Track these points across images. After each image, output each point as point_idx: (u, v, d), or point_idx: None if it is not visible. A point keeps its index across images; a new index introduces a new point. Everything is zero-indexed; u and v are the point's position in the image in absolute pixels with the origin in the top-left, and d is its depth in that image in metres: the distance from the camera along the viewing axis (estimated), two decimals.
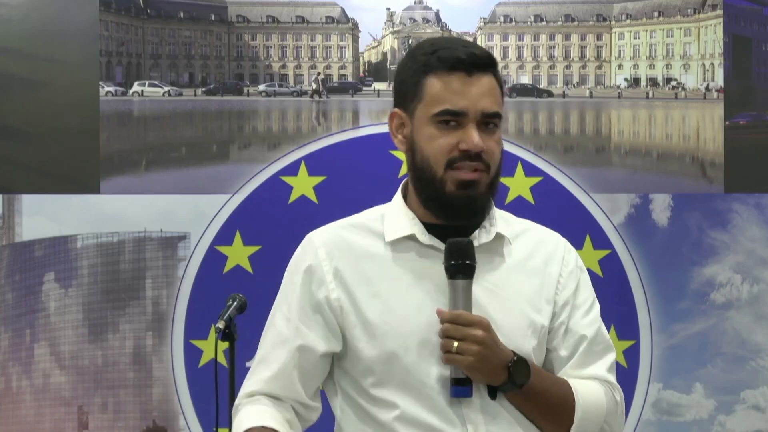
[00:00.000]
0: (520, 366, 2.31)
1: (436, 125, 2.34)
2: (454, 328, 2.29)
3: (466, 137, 2.32)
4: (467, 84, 2.34)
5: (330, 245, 2.41)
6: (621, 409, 2.46)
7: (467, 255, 2.31)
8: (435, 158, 2.34)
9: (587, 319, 2.45)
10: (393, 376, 2.34)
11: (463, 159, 2.33)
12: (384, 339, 2.35)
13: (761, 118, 4.84)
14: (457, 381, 2.31)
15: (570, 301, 2.44)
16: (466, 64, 2.34)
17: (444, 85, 2.35)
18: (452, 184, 2.33)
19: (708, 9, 4.89)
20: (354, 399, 2.40)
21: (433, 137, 2.34)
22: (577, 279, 2.46)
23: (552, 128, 4.87)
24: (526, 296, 2.40)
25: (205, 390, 4.51)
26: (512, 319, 2.36)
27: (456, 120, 2.33)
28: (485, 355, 2.28)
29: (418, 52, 2.39)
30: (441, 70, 2.35)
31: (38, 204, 4.66)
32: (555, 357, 2.43)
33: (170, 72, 4.90)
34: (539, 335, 2.39)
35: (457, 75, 2.34)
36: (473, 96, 2.34)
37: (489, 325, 2.30)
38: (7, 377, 4.69)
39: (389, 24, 5.01)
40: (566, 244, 2.50)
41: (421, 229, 2.38)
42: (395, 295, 2.36)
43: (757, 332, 4.73)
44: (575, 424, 2.37)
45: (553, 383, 2.38)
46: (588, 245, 4.63)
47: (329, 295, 2.38)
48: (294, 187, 4.66)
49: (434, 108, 2.34)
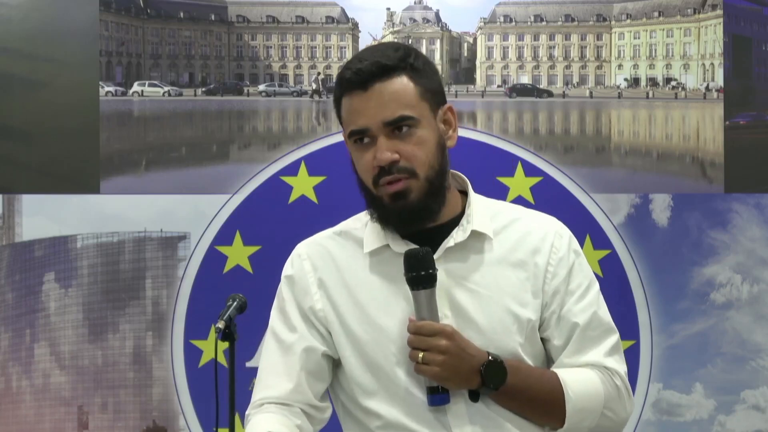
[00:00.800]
0: (493, 368, 2.30)
1: (354, 146, 2.38)
2: (418, 339, 2.29)
3: (375, 153, 2.34)
4: (365, 99, 2.33)
5: (315, 257, 2.44)
6: (624, 392, 2.44)
7: (425, 265, 2.30)
8: (365, 178, 2.38)
9: (581, 304, 2.42)
10: (377, 385, 2.35)
11: (382, 174, 2.34)
12: (365, 348, 2.36)
13: (761, 118, 4.84)
14: (431, 390, 2.32)
15: (561, 288, 2.41)
16: (354, 82, 2.34)
17: (346, 107, 2.37)
18: (387, 198, 2.35)
19: (708, 9, 4.89)
20: (348, 408, 2.42)
21: (357, 158, 2.40)
22: (570, 264, 2.44)
23: (552, 128, 4.87)
24: (510, 291, 2.38)
25: (205, 390, 4.51)
26: (494, 317, 2.35)
27: (365, 137, 2.35)
28: (451, 364, 2.28)
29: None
30: (345, 92, 2.36)
31: (38, 204, 4.66)
32: (551, 347, 2.42)
33: (170, 72, 4.89)
34: (526, 330, 2.38)
35: (355, 93, 2.34)
36: (371, 110, 2.33)
37: (452, 333, 2.29)
38: (7, 377, 4.69)
39: (389, 24, 5.01)
40: (558, 230, 2.47)
41: (395, 237, 2.38)
42: (374, 304, 2.37)
43: (757, 332, 4.73)
44: (568, 416, 2.36)
45: (537, 379, 2.36)
46: (588, 245, 4.63)
47: (314, 306, 2.41)
48: (294, 187, 4.65)
49: (347, 130, 2.38)
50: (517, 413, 2.36)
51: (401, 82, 2.33)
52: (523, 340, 2.37)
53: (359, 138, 2.35)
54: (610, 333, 2.45)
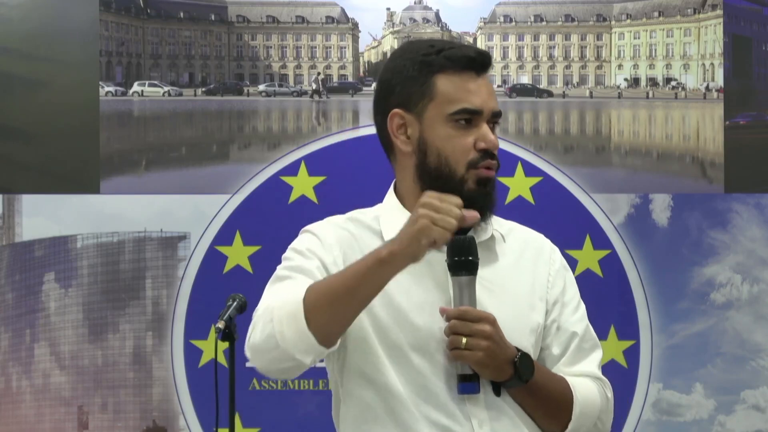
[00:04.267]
0: (525, 361, 2.32)
1: (453, 124, 2.34)
2: (462, 324, 2.29)
3: (484, 136, 2.33)
4: (478, 83, 2.35)
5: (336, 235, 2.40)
6: (611, 405, 2.47)
7: (470, 251, 2.30)
8: (455, 158, 2.34)
9: (576, 316, 2.46)
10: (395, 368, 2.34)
11: (483, 158, 2.34)
12: (388, 332, 2.34)
13: (761, 118, 4.84)
14: (463, 377, 2.32)
15: (559, 299, 2.45)
16: (476, 63, 2.35)
17: (457, 84, 2.34)
18: (473, 183, 2.34)
19: (708, 9, 4.89)
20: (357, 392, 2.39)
21: (450, 137, 2.34)
22: (564, 277, 2.47)
23: (552, 128, 4.87)
24: (522, 294, 2.41)
25: (205, 390, 4.51)
26: (511, 317, 2.37)
27: (472, 118, 2.34)
28: (493, 351, 2.29)
29: (417, 52, 2.37)
30: (451, 70, 2.35)
31: (38, 204, 4.66)
32: (547, 355, 2.44)
33: (170, 72, 4.90)
34: (536, 333, 2.40)
35: (468, 74, 2.35)
36: (484, 95, 2.35)
37: (495, 321, 2.30)
38: (7, 377, 4.69)
39: (389, 24, 5.01)
40: (551, 244, 2.51)
41: None
42: (397, 293, 2.36)
43: (757, 332, 4.73)
44: (572, 420, 2.38)
45: (551, 379, 2.39)
46: (588, 245, 4.63)
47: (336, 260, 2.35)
48: (294, 187, 4.66)
49: (450, 107, 2.34)
50: (530, 411, 2.37)
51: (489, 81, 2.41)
52: (533, 342, 2.39)
53: (464, 119, 2.34)
54: (597, 347, 2.50)
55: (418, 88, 2.36)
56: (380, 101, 2.42)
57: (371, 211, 2.47)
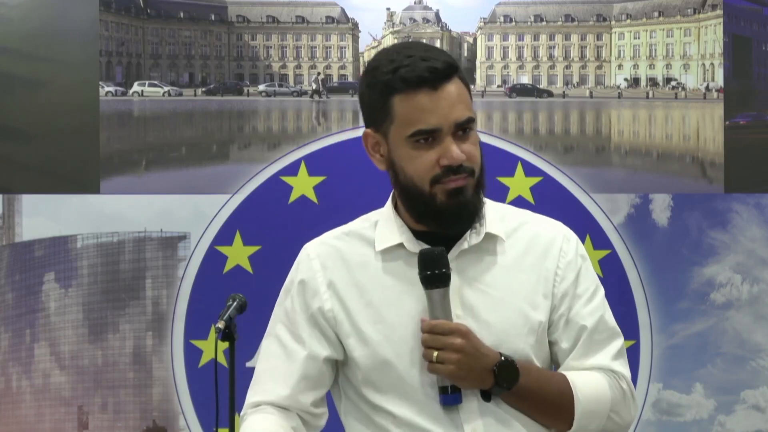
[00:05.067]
0: (506, 368, 2.31)
1: (412, 145, 2.32)
2: (432, 338, 2.29)
3: (446, 152, 2.30)
4: (435, 98, 2.30)
5: (324, 257, 2.42)
6: (629, 395, 2.44)
7: (440, 264, 2.30)
8: (419, 177, 2.32)
9: (588, 308, 2.43)
10: (388, 384, 2.35)
11: (447, 174, 2.31)
12: (377, 347, 2.35)
13: (761, 118, 4.84)
14: (443, 389, 2.32)
15: (569, 291, 2.42)
16: (429, 80, 2.30)
17: (412, 105, 2.31)
18: (442, 195, 2.32)
19: (708, 9, 4.89)
20: (356, 404, 2.41)
21: (411, 157, 2.32)
22: (578, 268, 2.44)
23: (552, 128, 4.87)
24: (522, 293, 2.39)
25: (205, 390, 4.51)
26: (506, 319, 2.36)
27: (431, 137, 2.31)
28: (465, 363, 2.28)
29: (378, 71, 2.34)
30: (405, 90, 2.31)
31: (38, 204, 4.66)
32: (558, 349, 2.43)
33: (170, 72, 4.89)
34: (537, 332, 2.39)
35: (423, 91, 2.31)
36: (443, 109, 2.30)
37: (467, 332, 2.29)
38: (7, 377, 4.69)
39: (389, 24, 5.01)
40: (566, 234, 2.48)
41: (409, 237, 2.38)
42: (386, 304, 2.36)
43: (757, 332, 4.73)
44: (576, 419, 2.37)
45: (548, 380, 2.38)
46: (588, 245, 4.63)
47: (323, 306, 2.39)
48: (294, 187, 4.66)
49: (407, 129, 2.31)
50: (527, 414, 2.36)
51: (459, 84, 2.34)
52: (533, 342, 2.38)
53: (422, 139, 2.31)
54: (615, 337, 2.47)
55: (379, 111, 2.35)
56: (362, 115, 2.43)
57: (372, 217, 2.48)
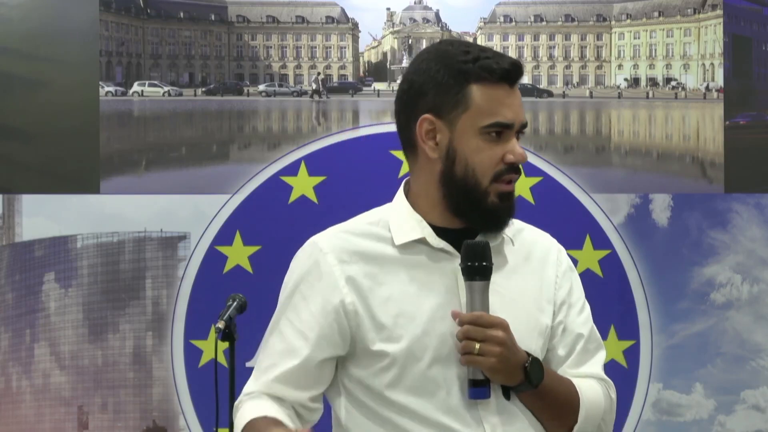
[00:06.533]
0: (536, 366, 2.33)
1: (484, 137, 2.34)
2: (475, 330, 2.29)
3: (513, 150, 2.34)
4: (511, 96, 2.35)
5: (339, 251, 2.39)
6: (614, 406, 2.49)
7: (484, 256, 2.31)
8: (482, 170, 2.34)
9: (582, 317, 2.46)
10: (408, 378, 2.34)
11: (509, 172, 2.34)
12: (399, 342, 2.34)
13: (761, 118, 4.84)
14: (475, 383, 2.32)
15: (567, 300, 2.45)
16: (511, 76, 2.34)
17: (492, 97, 2.33)
18: (495, 196, 2.34)
19: (708, 9, 4.89)
20: (362, 401, 2.40)
21: (480, 149, 2.33)
22: (570, 278, 2.48)
23: (552, 128, 4.87)
24: (530, 296, 2.41)
25: (205, 390, 4.51)
26: (519, 320, 2.37)
27: (503, 132, 2.34)
28: (506, 356, 2.29)
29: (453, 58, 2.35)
30: (487, 81, 2.33)
31: (38, 204, 4.66)
32: (553, 356, 2.44)
33: (170, 72, 4.90)
34: (544, 335, 2.41)
35: (502, 86, 2.34)
36: (517, 108, 2.35)
37: (508, 326, 2.30)
38: (7, 377, 4.69)
39: (389, 24, 5.01)
40: (557, 244, 2.52)
41: (431, 232, 2.38)
42: (408, 299, 2.36)
43: (757, 332, 4.73)
44: (579, 423, 2.38)
45: (560, 382, 2.40)
46: (588, 245, 4.63)
47: (344, 299, 2.36)
48: (294, 187, 4.66)
49: (484, 120, 2.33)
50: (538, 414, 2.37)
51: None
52: (542, 345, 2.40)
53: (495, 132, 2.34)
54: (601, 347, 2.51)
55: (452, 97, 2.34)
56: (408, 102, 2.39)
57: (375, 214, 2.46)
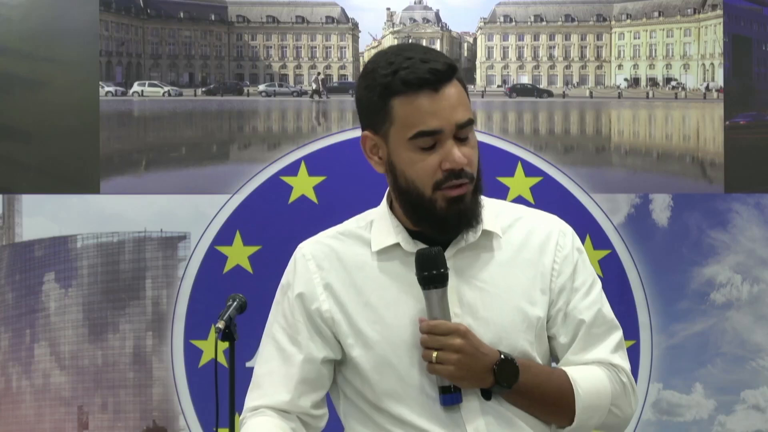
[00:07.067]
0: (506, 367, 2.31)
1: (413, 148, 2.30)
2: (431, 339, 2.29)
3: (448, 156, 2.29)
4: (436, 100, 2.29)
5: (319, 257, 2.41)
6: (629, 388, 2.44)
7: (437, 264, 2.29)
8: (421, 181, 2.31)
9: (586, 302, 2.42)
10: (388, 384, 2.35)
11: (449, 178, 2.30)
12: (376, 348, 2.35)
13: (761, 118, 4.84)
14: (443, 389, 2.32)
15: (567, 286, 2.42)
16: (430, 82, 2.28)
17: (413, 107, 2.29)
18: (442, 202, 2.31)
19: (708, 9, 4.89)
20: (356, 405, 2.41)
21: (413, 161, 2.30)
22: (574, 262, 2.44)
23: (552, 128, 4.87)
24: (519, 290, 2.39)
25: (205, 390, 4.51)
26: (504, 316, 2.35)
27: (433, 139, 2.29)
28: (465, 363, 2.28)
29: (377, 73, 2.32)
30: (405, 92, 2.29)
31: (38, 204, 4.66)
32: (556, 344, 2.43)
33: (170, 72, 4.90)
34: (536, 328, 2.38)
35: (424, 93, 2.29)
36: (444, 111, 2.28)
37: (466, 332, 2.29)
38: (7, 377, 4.69)
39: (389, 24, 5.01)
40: (561, 228, 2.48)
41: (405, 237, 2.37)
42: (384, 304, 2.36)
43: (757, 332, 4.73)
44: (577, 414, 2.37)
45: (547, 377, 2.37)
46: (588, 245, 4.63)
47: (320, 307, 2.38)
48: (294, 187, 4.66)
49: (408, 131, 2.29)
50: (527, 411, 2.36)
51: (458, 86, 2.32)
52: (532, 338, 2.38)
53: (423, 141, 2.29)
54: (614, 330, 2.46)
55: (379, 114, 2.32)
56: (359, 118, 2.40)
57: (368, 216, 2.47)
